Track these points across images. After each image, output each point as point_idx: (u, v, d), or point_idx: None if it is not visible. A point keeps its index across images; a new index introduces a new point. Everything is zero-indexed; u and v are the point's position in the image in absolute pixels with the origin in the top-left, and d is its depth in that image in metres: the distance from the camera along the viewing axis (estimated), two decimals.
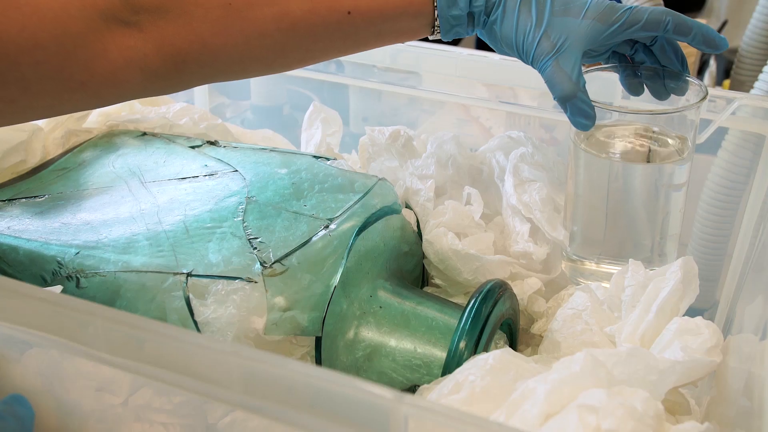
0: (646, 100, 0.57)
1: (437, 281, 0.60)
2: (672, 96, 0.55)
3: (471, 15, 0.52)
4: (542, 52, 0.50)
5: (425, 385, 0.46)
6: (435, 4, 0.50)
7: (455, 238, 0.57)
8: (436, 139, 0.66)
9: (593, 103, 0.51)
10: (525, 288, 0.59)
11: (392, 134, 0.66)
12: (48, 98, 0.46)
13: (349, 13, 0.49)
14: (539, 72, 0.51)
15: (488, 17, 0.52)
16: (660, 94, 0.55)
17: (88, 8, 0.44)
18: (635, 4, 0.73)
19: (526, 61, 0.51)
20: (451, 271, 0.57)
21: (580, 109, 0.51)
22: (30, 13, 0.43)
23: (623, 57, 0.56)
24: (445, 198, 0.62)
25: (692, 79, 0.54)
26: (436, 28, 0.52)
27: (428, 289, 0.61)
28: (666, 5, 0.92)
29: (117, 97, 0.49)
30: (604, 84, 0.66)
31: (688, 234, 0.76)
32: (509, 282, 0.54)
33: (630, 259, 0.53)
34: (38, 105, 0.46)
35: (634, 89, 0.56)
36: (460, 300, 0.58)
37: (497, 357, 0.43)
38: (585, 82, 0.51)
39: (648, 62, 0.55)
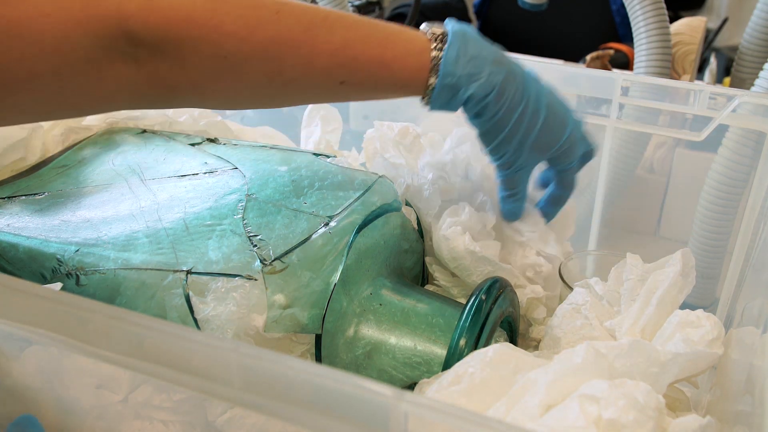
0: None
1: (440, 282, 0.59)
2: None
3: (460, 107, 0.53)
4: (505, 165, 0.55)
5: (425, 380, 0.46)
6: (429, 95, 0.51)
7: (471, 239, 0.56)
8: (455, 136, 0.65)
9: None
10: (527, 291, 0.58)
11: (401, 131, 0.65)
12: (38, 117, 0.49)
13: (342, 83, 0.49)
14: (494, 163, 0.56)
15: (476, 118, 0.53)
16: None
17: (89, 37, 0.44)
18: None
19: (490, 157, 0.56)
20: (462, 272, 0.57)
21: (511, 211, 0.59)
22: (31, 42, 0.42)
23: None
24: (450, 198, 0.61)
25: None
26: (426, 104, 0.52)
27: (429, 287, 0.61)
28: (666, 4, 0.92)
29: (101, 112, 0.50)
30: (604, 84, 0.66)
31: (688, 231, 0.76)
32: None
33: (627, 253, 0.53)
34: (26, 119, 0.47)
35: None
36: (461, 300, 0.58)
37: (497, 350, 0.43)
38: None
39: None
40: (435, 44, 0.50)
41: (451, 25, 0.51)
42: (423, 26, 0.51)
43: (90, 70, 0.45)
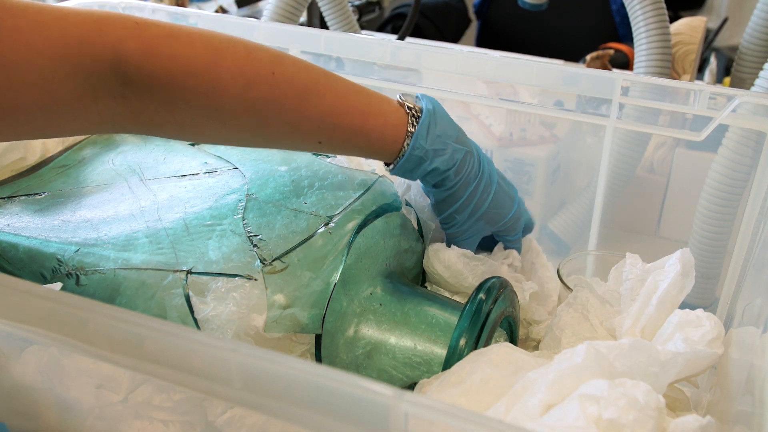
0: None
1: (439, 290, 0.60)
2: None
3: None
4: (455, 233, 0.58)
5: (425, 380, 0.46)
6: (396, 163, 0.53)
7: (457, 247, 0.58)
8: None
9: None
10: (525, 288, 0.59)
11: None
12: (18, 139, 0.49)
13: (319, 142, 0.51)
14: (445, 230, 0.59)
15: (434, 188, 0.56)
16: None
17: (78, 74, 0.43)
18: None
19: (442, 225, 0.59)
20: (457, 277, 0.57)
21: None
22: (16, 76, 0.41)
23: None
24: None
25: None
26: (389, 169, 0.55)
27: (428, 288, 0.61)
28: (666, 4, 0.92)
29: (82, 135, 0.50)
30: (604, 84, 0.66)
31: (688, 231, 0.76)
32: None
33: (627, 253, 0.53)
34: (4, 140, 0.46)
35: None
36: (461, 300, 0.58)
37: (497, 350, 0.43)
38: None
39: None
40: (410, 119, 0.53)
41: (424, 102, 0.54)
42: (398, 96, 0.54)
43: (76, 105, 0.44)
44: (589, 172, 0.83)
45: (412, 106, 0.53)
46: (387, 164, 0.55)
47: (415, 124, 0.53)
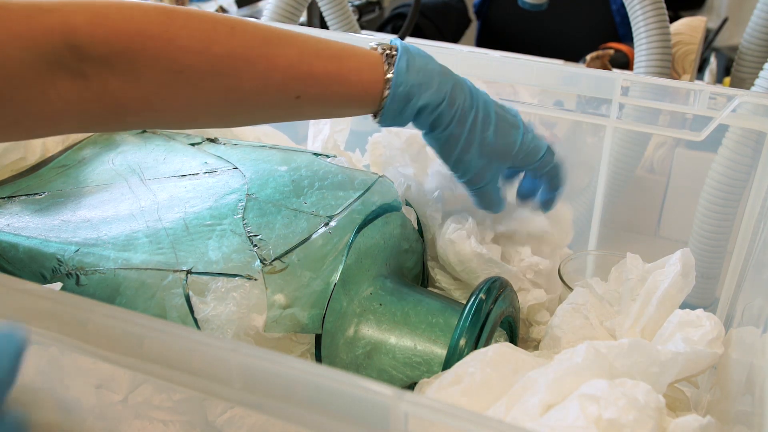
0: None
1: (442, 284, 0.59)
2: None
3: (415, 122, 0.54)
4: (472, 180, 0.56)
5: (425, 379, 0.46)
6: (382, 107, 0.51)
7: (477, 242, 0.57)
8: None
9: None
10: (528, 297, 0.58)
11: (408, 139, 0.65)
12: None
13: (297, 97, 0.49)
14: (461, 181, 0.56)
15: (431, 132, 0.54)
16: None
17: (30, 50, 0.42)
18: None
19: (455, 175, 0.56)
20: (469, 275, 0.57)
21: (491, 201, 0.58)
22: None
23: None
24: (454, 209, 0.61)
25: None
26: (378, 117, 0.53)
27: (429, 288, 0.61)
28: (666, 4, 0.92)
29: (50, 134, 0.48)
30: (604, 84, 0.66)
31: (688, 231, 0.76)
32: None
33: (627, 253, 0.53)
34: None
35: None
36: (460, 296, 0.58)
37: (497, 350, 0.43)
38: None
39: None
40: (386, 58, 0.51)
41: (398, 42, 0.52)
42: (371, 44, 0.52)
43: (31, 84, 0.43)
44: (589, 172, 0.83)
45: (386, 47, 0.52)
46: (375, 115, 0.52)
47: (392, 62, 0.51)
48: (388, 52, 0.51)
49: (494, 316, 0.49)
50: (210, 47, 0.46)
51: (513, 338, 0.55)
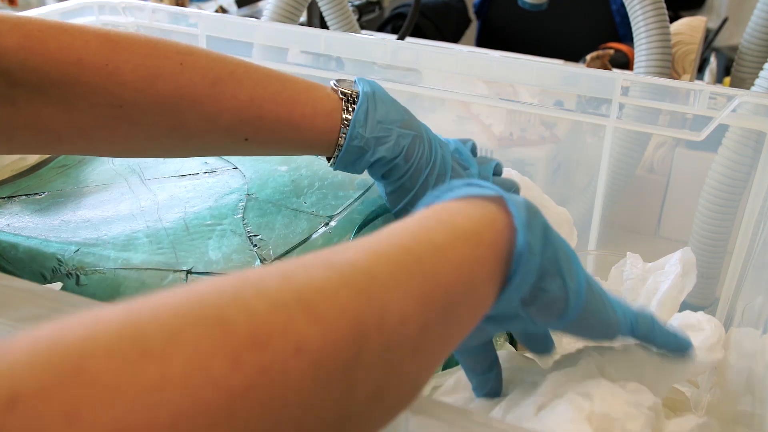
0: None
1: None
2: None
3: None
4: None
5: None
6: (335, 155, 0.49)
7: None
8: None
9: None
10: None
11: None
12: None
13: (246, 139, 0.46)
14: None
15: (383, 179, 0.51)
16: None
17: None
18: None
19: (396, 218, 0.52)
20: None
21: None
22: None
23: None
24: None
25: None
26: (331, 163, 0.50)
27: None
28: (666, 3, 0.92)
29: None
30: (604, 84, 0.66)
31: (688, 231, 0.76)
32: None
33: (628, 252, 0.53)
34: None
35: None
36: None
37: (500, 356, 0.43)
38: None
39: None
40: (345, 104, 0.48)
41: (361, 85, 0.49)
42: (332, 83, 0.49)
43: None
44: (589, 172, 0.83)
45: (347, 91, 0.48)
46: (328, 159, 0.50)
47: (350, 110, 0.48)
48: (348, 96, 0.48)
49: None
50: (155, 84, 0.43)
51: (513, 338, 0.55)
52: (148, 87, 0.43)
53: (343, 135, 0.48)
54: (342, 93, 0.48)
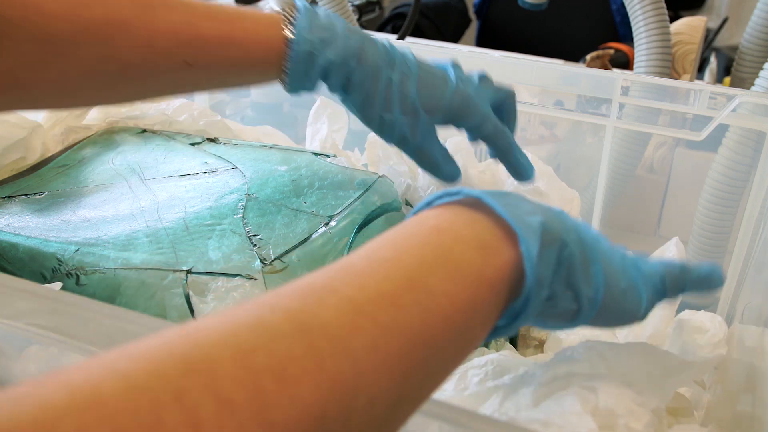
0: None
1: None
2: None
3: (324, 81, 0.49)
4: (403, 139, 0.51)
5: None
6: (284, 70, 0.47)
7: None
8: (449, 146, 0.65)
9: None
10: None
11: None
12: None
13: (187, 64, 0.45)
14: (389, 141, 0.52)
15: (346, 94, 0.49)
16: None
17: None
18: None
19: (383, 136, 0.51)
20: None
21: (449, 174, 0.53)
22: None
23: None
24: None
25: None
26: (284, 82, 0.49)
27: None
28: (666, 3, 0.92)
29: None
30: (604, 84, 0.66)
31: (688, 231, 0.76)
32: None
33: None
34: None
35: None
36: None
37: (497, 356, 0.43)
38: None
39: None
40: (285, 18, 0.47)
41: (300, 1, 0.48)
42: (271, 4, 0.48)
43: None
44: (589, 171, 0.83)
45: (286, 5, 0.47)
46: (282, 81, 0.48)
47: (291, 21, 0.46)
48: (288, 12, 0.47)
49: None
50: (80, 11, 0.41)
51: (513, 338, 0.55)
52: (73, 15, 0.41)
53: (289, 42, 0.46)
54: (282, 8, 0.47)
